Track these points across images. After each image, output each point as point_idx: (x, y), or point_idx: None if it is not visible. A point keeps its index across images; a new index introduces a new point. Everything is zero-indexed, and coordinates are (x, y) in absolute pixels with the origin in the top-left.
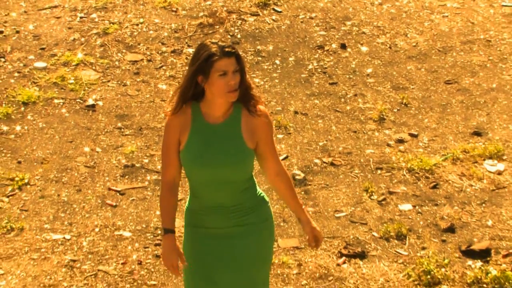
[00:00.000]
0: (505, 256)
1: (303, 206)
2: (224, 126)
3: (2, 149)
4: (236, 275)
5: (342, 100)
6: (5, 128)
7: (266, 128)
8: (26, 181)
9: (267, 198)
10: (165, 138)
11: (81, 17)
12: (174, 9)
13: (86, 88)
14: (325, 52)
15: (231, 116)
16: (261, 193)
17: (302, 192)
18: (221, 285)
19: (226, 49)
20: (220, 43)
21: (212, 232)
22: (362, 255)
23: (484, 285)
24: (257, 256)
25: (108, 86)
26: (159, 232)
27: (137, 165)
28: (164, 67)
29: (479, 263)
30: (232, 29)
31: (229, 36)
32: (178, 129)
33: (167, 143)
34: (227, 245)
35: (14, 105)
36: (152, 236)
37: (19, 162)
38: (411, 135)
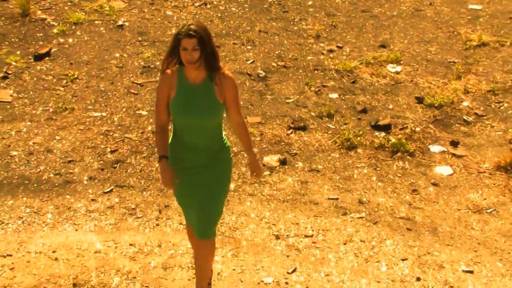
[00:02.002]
0: (400, 129)
1: (253, 149)
2: (201, 86)
3: (59, 54)
4: (204, 192)
5: (292, 23)
6: (61, 40)
7: (232, 89)
8: (75, 76)
9: (229, 143)
10: (157, 93)
11: None
12: None
13: (117, 14)
14: None
15: (206, 79)
16: (225, 139)
17: (264, 85)
18: (193, 198)
19: (189, 32)
20: (192, 26)
21: (187, 165)
22: (303, 128)
23: (386, 149)
24: (220, 179)
25: (132, 12)
26: None
27: (152, 66)
28: (170, 0)
29: (383, 134)
30: None
31: None
32: (167, 87)
33: (158, 97)
34: (198, 173)
35: (68, 25)
36: None
37: (71, 63)
38: (338, 47)
